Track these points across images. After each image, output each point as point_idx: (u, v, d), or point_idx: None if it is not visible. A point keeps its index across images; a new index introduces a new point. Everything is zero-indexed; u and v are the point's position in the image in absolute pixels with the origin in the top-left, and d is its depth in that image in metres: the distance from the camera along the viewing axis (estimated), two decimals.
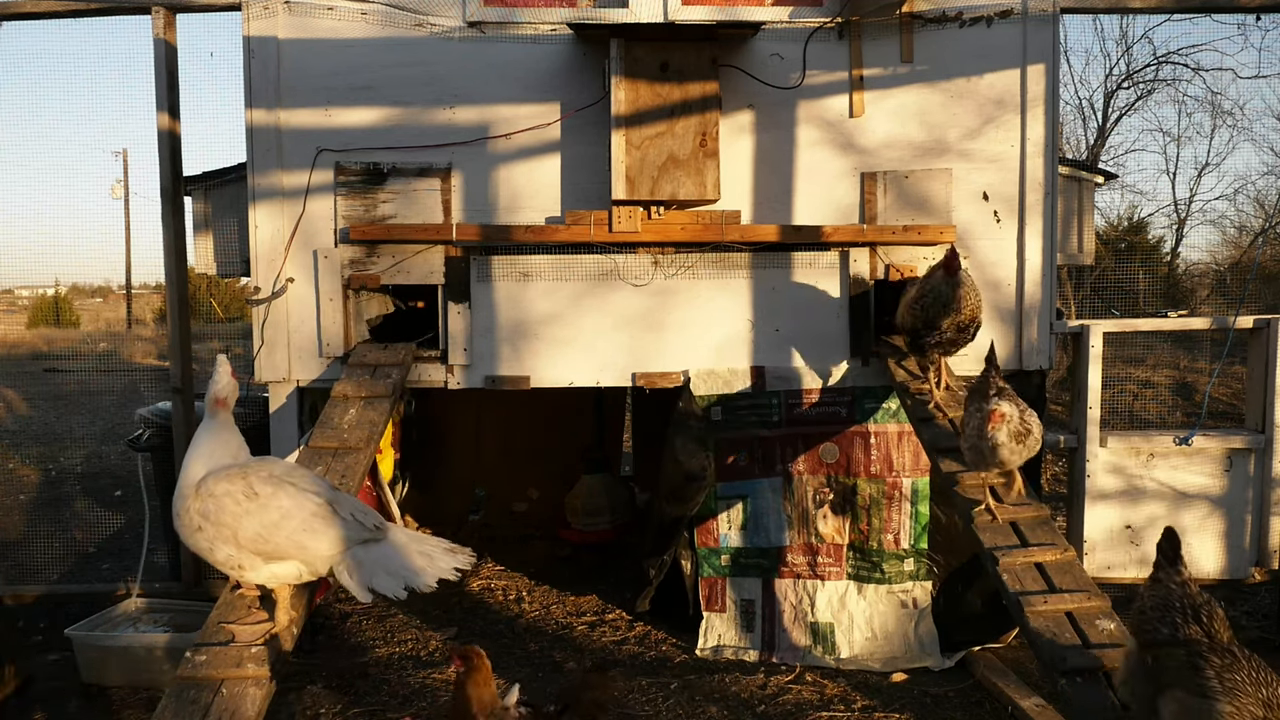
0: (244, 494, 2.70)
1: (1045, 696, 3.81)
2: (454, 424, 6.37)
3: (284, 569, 2.77)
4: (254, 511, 2.68)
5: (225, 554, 2.73)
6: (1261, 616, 4.92)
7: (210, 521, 2.70)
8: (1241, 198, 30.79)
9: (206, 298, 12.29)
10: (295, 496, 2.73)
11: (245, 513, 2.68)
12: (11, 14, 4.68)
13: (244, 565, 2.74)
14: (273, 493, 2.72)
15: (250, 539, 2.68)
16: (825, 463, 4.60)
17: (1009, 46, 4.51)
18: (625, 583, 5.37)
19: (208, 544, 2.73)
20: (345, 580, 2.74)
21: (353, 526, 2.75)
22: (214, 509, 2.69)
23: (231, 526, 2.68)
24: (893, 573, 4.58)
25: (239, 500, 2.69)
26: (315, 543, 2.71)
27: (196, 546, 2.77)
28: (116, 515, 6.95)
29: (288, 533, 2.69)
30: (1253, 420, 4.76)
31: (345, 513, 2.76)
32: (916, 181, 4.54)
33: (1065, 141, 18.71)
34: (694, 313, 4.56)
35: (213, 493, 2.71)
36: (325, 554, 2.73)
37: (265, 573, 2.77)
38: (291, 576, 2.79)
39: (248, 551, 2.71)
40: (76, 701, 4.05)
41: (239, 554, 2.72)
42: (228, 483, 2.73)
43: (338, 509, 2.76)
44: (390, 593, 2.72)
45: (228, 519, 2.68)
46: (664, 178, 4.27)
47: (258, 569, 2.75)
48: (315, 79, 4.47)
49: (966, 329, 3.89)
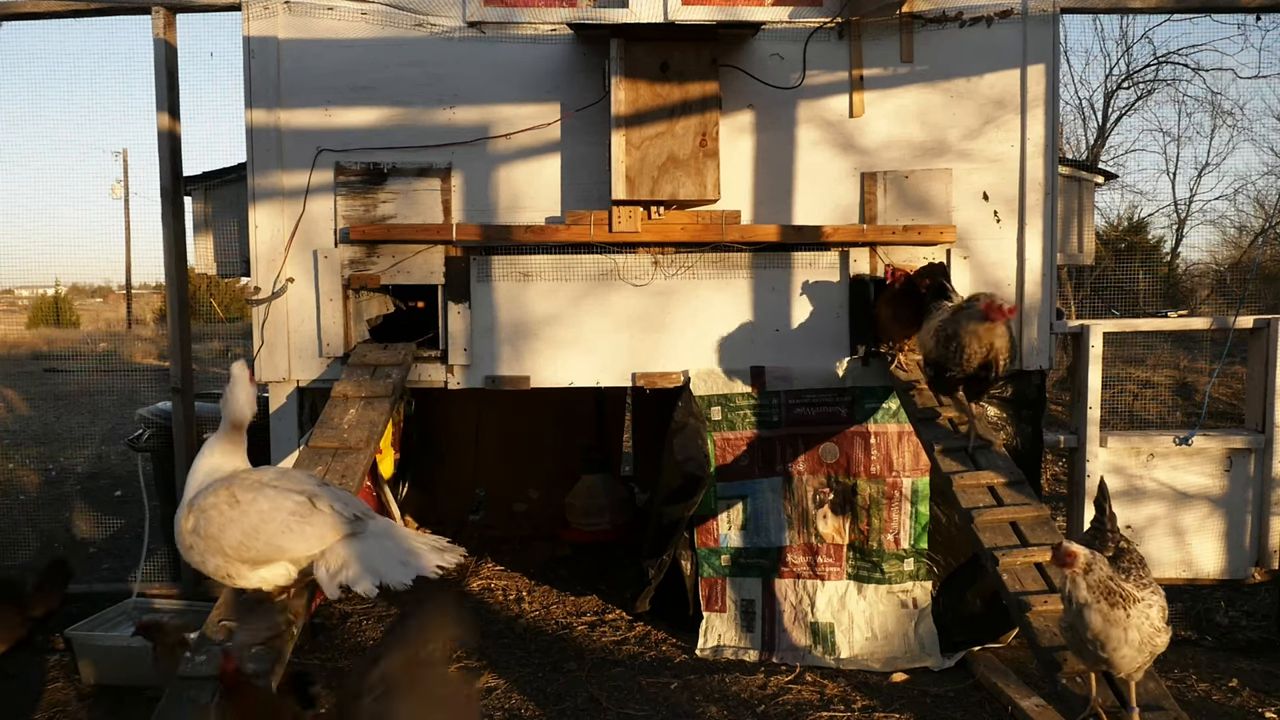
0: (227, 504, 2.71)
1: (1045, 696, 3.81)
2: (454, 424, 6.37)
3: (272, 572, 2.77)
4: (236, 519, 2.69)
5: (215, 564, 2.74)
6: (1261, 616, 4.92)
7: (200, 535, 2.71)
8: (1241, 198, 30.83)
9: (206, 298, 12.31)
10: (274, 499, 2.73)
11: (229, 521, 2.69)
12: (11, 14, 4.68)
13: (232, 574, 2.75)
14: (253, 498, 2.72)
15: (234, 546, 2.69)
16: (825, 463, 4.60)
17: (1009, 46, 4.51)
18: (625, 583, 5.37)
19: (199, 558, 2.75)
20: (319, 575, 2.73)
21: (330, 521, 2.73)
22: (202, 523, 2.71)
23: (217, 537, 2.70)
24: (893, 573, 4.58)
25: (223, 510, 2.71)
26: (293, 543, 2.70)
27: (192, 562, 2.79)
28: (116, 515, 6.95)
29: (267, 536, 2.69)
30: (1253, 420, 4.76)
31: (324, 506, 2.74)
32: (916, 181, 4.54)
33: (1065, 141, 18.71)
34: (694, 313, 4.56)
35: (201, 507, 2.73)
36: (305, 553, 2.73)
37: (255, 578, 2.77)
38: (281, 579, 2.79)
39: (234, 560, 2.71)
40: (76, 701, 4.05)
41: (226, 564, 2.73)
42: (213, 495, 2.75)
43: (316, 503, 2.74)
44: (361, 589, 2.68)
45: (214, 530, 2.70)
46: (664, 178, 4.27)
47: (246, 576, 2.76)
48: (315, 79, 4.47)
49: (990, 369, 3.53)
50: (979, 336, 3.45)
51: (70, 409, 10.95)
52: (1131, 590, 2.46)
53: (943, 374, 3.64)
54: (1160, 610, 2.51)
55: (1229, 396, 9.12)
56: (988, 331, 3.43)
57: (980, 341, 3.45)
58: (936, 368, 3.67)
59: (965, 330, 3.48)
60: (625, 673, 4.27)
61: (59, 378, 11.12)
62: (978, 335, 3.45)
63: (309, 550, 2.73)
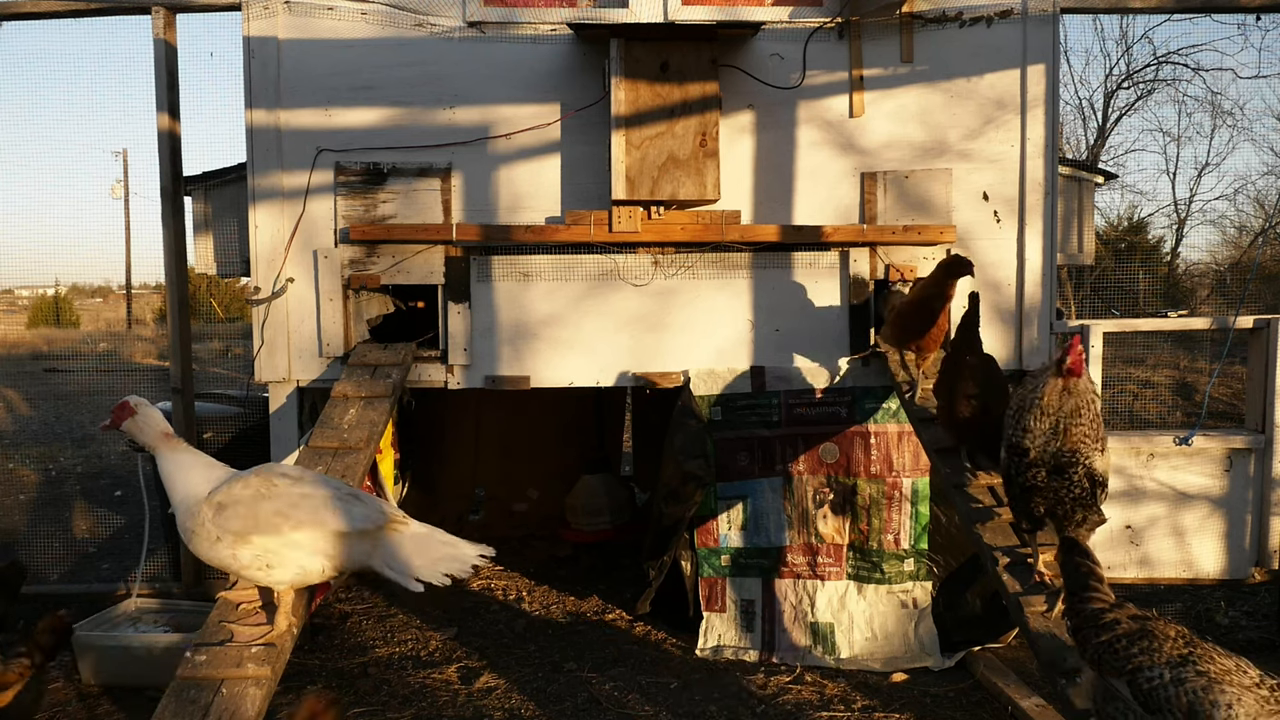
0: (264, 489, 2.71)
1: (1045, 696, 3.81)
2: (454, 424, 6.37)
3: (312, 563, 2.73)
4: (272, 496, 2.69)
5: (250, 555, 2.68)
6: (1261, 617, 4.91)
7: (229, 530, 2.66)
8: (1241, 198, 30.87)
9: (206, 298, 12.28)
10: (315, 484, 2.79)
11: (263, 497, 2.68)
12: (11, 14, 4.69)
13: (271, 564, 2.70)
14: (294, 482, 2.76)
15: (269, 516, 2.66)
16: (825, 463, 4.60)
17: (1009, 46, 4.51)
18: (625, 583, 5.37)
19: (229, 551, 2.69)
20: (379, 566, 2.77)
21: (377, 505, 2.80)
22: (231, 508, 2.67)
23: (249, 518, 2.66)
24: (893, 573, 4.58)
25: (259, 492, 2.69)
26: (336, 519, 2.71)
27: (218, 558, 2.72)
28: (116, 515, 6.95)
29: (310, 509, 2.70)
30: (1253, 420, 4.76)
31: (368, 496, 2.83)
32: (917, 182, 4.54)
33: (1065, 141, 18.72)
34: (694, 313, 4.56)
35: (232, 497, 2.69)
36: (350, 528, 2.74)
37: (294, 567, 2.72)
38: (315, 572, 2.76)
39: (268, 543, 2.67)
40: (76, 701, 4.05)
41: (266, 553, 2.68)
42: (242, 484, 2.72)
43: (361, 497, 2.83)
44: (436, 578, 2.76)
45: (243, 511, 2.66)
46: (664, 178, 4.27)
47: (285, 560, 2.71)
48: (315, 79, 4.47)
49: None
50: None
51: (70, 409, 10.95)
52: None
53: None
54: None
55: (1229, 396, 9.11)
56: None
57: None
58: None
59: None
60: (625, 673, 4.27)
61: (59, 378, 11.11)
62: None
63: (354, 526, 2.72)
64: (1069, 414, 2.65)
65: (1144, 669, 2.12)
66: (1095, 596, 2.38)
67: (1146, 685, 2.09)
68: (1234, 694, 1.98)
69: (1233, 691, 1.98)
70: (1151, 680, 2.09)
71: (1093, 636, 2.31)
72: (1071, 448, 2.65)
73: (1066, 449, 2.65)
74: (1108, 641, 2.25)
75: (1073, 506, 2.68)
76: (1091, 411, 2.67)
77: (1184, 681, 2.03)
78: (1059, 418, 2.66)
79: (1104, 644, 2.26)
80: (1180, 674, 2.05)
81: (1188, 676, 2.04)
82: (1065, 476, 2.66)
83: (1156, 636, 2.18)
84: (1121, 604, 2.37)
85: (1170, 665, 2.09)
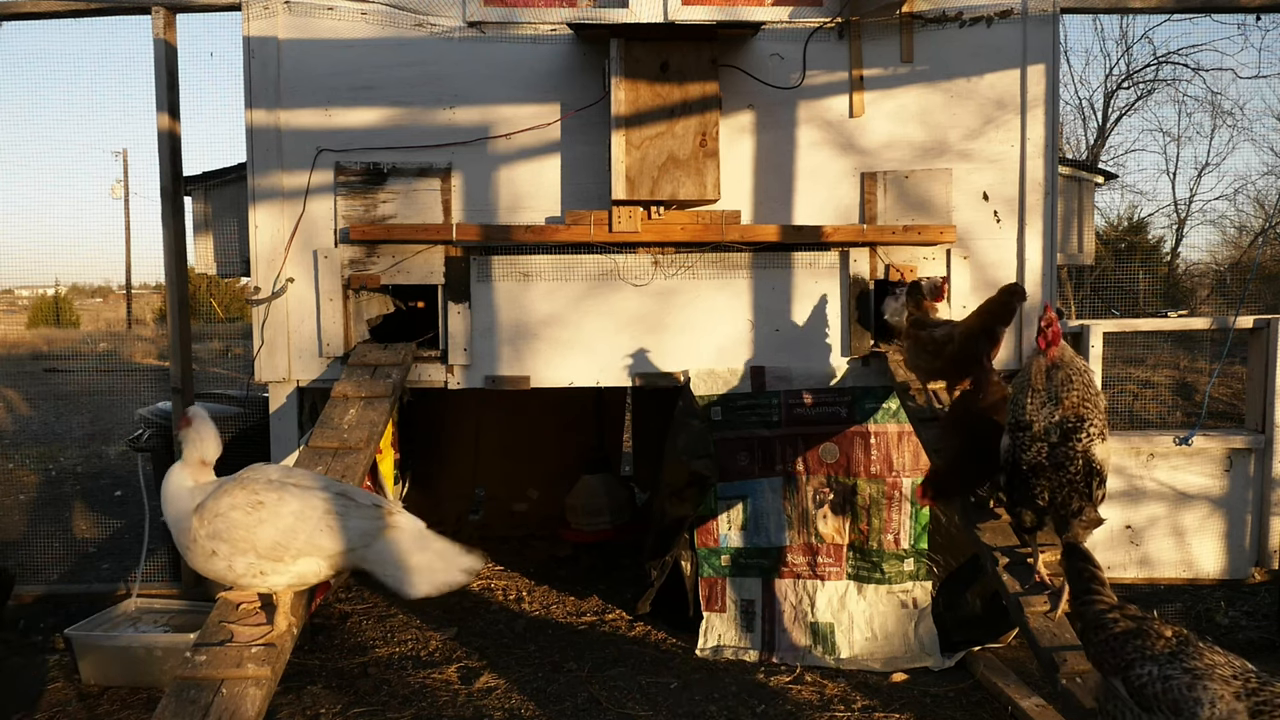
0: (250, 505, 2.67)
1: (1045, 696, 3.81)
2: (454, 424, 6.37)
3: (308, 566, 2.73)
4: (267, 519, 2.66)
5: (245, 563, 2.68)
6: (1261, 617, 4.91)
7: (224, 540, 2.65)
8: (1241, 198, 30.89)
9: (206, 298, 12.27)
10: (301, 497, 2.73)
11: (258, 522, 2.65)
12: (11, 14, 4.69)
13: (266, 571, 2.70)
14: (279, 498, 2.70)
15: (269, 548, 2.66)
16: (825, 463, 4.60)
17: (1009, 47, 4.51)
18: (625, 583, 5.37)
19: (225, 563, 2.68)
20: (375, 572, 2.76)
21: (367, 513, 2.76)
22: (224, 527, 2.65)
23: (248, 539, 2.65)
24: (893, 573, 4.58)
25: (247, 511, 2.66)
26: (331, 541, 2.69)
27: (214, 570, 2.72)
28: (116, 515, 6.95)
29: (306, 534, 2.68)
30: (1253, 420, 4.76)
31: (364, 499, 2.79)
32: (917, 182, 4.54)
33: (1065, 141, 18.72)
34: (694, 313, 4.56)
35: (218, 512, 2.67)
36: (339, 550, 2.72)
37: (291, 574, 2.73)
38: (312, 575, 2.76)
39: (268, 560, 2.68)
40: (76, 701, 4.05)
41: (260, 561, 2.68)
42: (229, 497, 2.69)
43: (353, 497, 2.79)
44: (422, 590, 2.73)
45: (241, 532, 2.65)
46: (664, 178, 4.27)
47: (281, 572, 2.72)
48: (315, 79, 4.47)
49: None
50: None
51: (70, 409, 10.95)
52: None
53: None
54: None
55: (1229, 396, 9.11)
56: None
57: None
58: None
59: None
60: (625, 673, 4.27)
61: (59, 378, 11.11)
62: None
63: (351, 545, 2.71)
64: (1059, 384, 2.74)
65: (1134, 666, 2.19)
66: (1098, 599, 2.45)
67: (1137, 682, 2.16)
68: (1215, 690, 2.03)
69: (1214, 687, 2.04)
70: (1141, 677, 2.16)
71: (1093, 636, 2.37)
72: (1074, 415, 2.71)
73: (1070, 417, 2.71)
74: (1105, 640, 2.31)
75: (1070, 492, 2.75)
76: (1083, 380, 2.74)
77: (1170, 678, 2.10)
78: (1051, 389, 2.75)
79: (1102, 643, 2.32)
80: (1167, 671, 2.12)
81: (1174, 674, 2.10)
82: (1069, 446, 2.71)
83: (1150, 635, 2.24)
84: (1123, 605, 2.41)
85: (1158, 662, 2.15)
